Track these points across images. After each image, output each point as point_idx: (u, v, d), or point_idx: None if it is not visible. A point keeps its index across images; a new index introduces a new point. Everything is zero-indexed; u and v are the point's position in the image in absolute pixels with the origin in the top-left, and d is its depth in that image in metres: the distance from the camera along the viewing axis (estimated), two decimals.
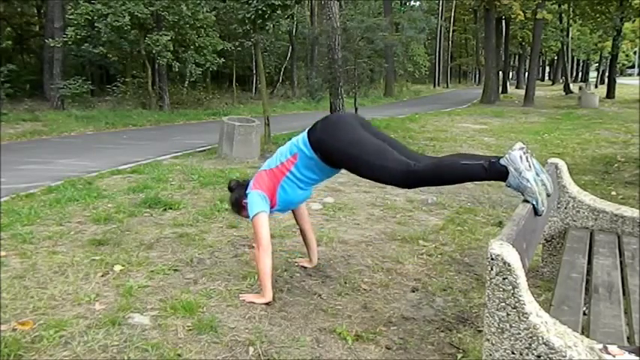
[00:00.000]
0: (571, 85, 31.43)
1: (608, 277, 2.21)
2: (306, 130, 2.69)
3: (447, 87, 41.53)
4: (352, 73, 10.66)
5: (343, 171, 2.73)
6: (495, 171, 2.19)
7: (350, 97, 10.91)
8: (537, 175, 2.16)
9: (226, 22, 19.40)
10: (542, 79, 55.49)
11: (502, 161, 2.18)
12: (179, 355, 2.19)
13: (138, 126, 12.73)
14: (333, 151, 2.59)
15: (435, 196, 5.18)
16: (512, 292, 1.57)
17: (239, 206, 2.96)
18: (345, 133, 2.57)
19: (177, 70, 15.70)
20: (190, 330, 2.39)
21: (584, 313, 1.91)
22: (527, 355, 1.54)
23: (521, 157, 2.14)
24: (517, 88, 38.54)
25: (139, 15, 14.13)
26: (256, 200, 2.75)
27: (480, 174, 2.23)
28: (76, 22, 14.21)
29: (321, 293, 2.85)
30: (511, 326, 1.58)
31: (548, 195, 2.20)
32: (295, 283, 2.97)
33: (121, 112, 14.68)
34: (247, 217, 2.87)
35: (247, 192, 2.84)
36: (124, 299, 2.70)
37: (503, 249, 1.59)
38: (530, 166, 2.14)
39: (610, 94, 24.50)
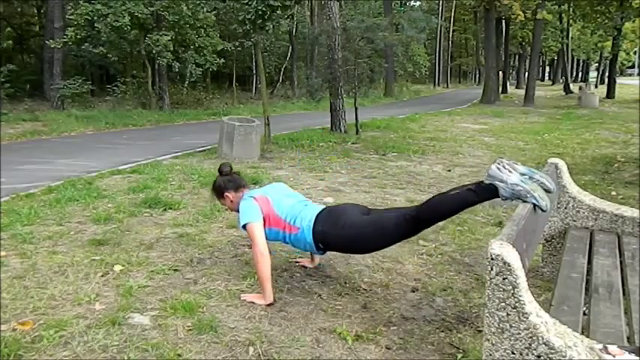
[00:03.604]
0: (571, 85, 31.43)
1: (608, 277, 2.21)
2: (313, 221, 2.68)
3: (447, 87, 41.52)
4: (352, 73, 10.63)
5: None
6: (485, 191, 2.26)
7: (350, 97, 10.90)
8: (528, 177, 2.19)
9: (226, 22, 19.40)
10: (542, 79, 55.50)
11: (486, 180, 2.24)
12: (179, 355, 2.19)
13: (138, 126, 12.72)
14: (332, 239, 2.65)
15: None
16: (512, 292, 1.57)
17: (220, 194, 3.03)
18: (345, 220, 2.62)
19: (177, 70, 15.70)
20: (190, 330, 2.39)
21: (584, 313, 1.91)
22: (527, 355, 1.54)
23: (499, 169, 2.20)
24: (517, 88, 38.55)
25: (139, 15, 14.13)
26: (251, 211, 2.76)
27: (472, 197, 2.30)
28: (76, 22, 14.20)
29: (321, 293, 2.85)
30: (511, 326, 1.58)
31: (549, 191, 2.21)
32: (295, 283, 2.97)
33: (120, 112, 14.67)
34: (225, 206, 3.08)
35: (245, 196, 2.88)
36: (124, 299, 2.70)
37: (503, 249, 1.59)
38: (510, 171, 2.20)
39: (610, 94, 24.51)
